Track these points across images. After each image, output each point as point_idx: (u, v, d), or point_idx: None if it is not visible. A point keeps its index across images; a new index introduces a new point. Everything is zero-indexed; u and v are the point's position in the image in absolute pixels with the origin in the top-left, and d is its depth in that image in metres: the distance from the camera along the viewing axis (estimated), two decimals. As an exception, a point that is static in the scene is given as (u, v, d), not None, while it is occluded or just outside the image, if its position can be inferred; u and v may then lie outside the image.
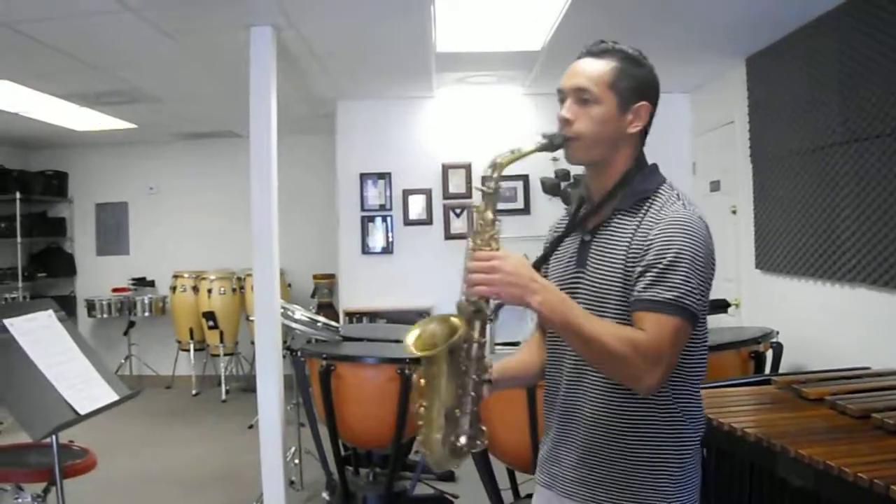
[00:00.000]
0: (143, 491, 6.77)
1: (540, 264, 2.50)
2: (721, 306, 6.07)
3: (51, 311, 4.00)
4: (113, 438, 7.16)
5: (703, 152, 8.28)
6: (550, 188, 8.27)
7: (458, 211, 8.75)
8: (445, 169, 8.73)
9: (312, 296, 10.58)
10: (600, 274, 2.31)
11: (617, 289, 2.26)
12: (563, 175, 8.26)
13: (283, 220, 5.81)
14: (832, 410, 3.50)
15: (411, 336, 2.30)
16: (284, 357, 5.87)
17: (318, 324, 5.84)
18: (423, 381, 2.30)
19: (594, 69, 2.37)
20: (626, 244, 2.27)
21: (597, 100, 2.33)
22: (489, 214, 2.27)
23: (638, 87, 2.37)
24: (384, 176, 8.82)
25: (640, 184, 2.38)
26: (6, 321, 3.71)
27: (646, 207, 2.32)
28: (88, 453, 4.38)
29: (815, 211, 5.68)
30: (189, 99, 8.46)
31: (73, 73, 6.68)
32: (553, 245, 2.53)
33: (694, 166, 8.47)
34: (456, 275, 2.39)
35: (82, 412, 3.66)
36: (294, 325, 5.72)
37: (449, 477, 6.35)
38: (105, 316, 10.93)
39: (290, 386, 6.03)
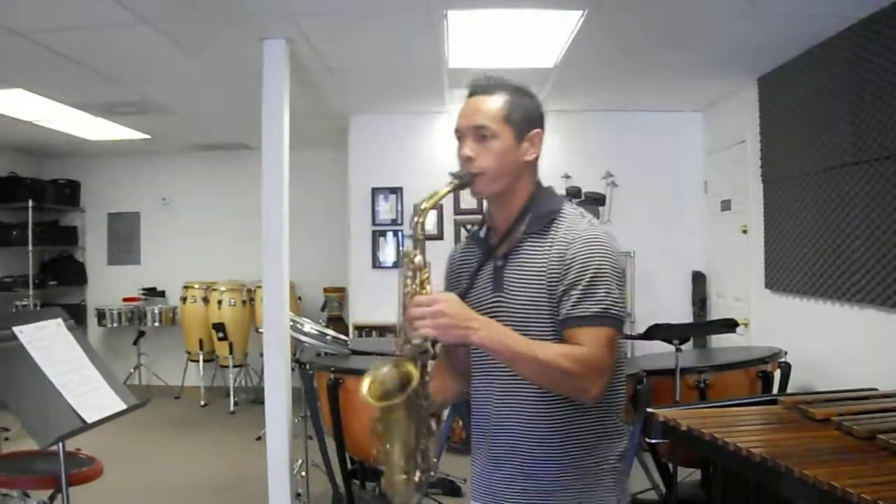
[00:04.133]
0: (148, 501, 6.77)
1: (463, 297, 2.54)
2: (730, 325, 6.07)
3: (60, 320, 4.02)
4: (120, 447, 7.16)
5: (715, 171, 8.28)
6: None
7: (469, 227, 8.76)
8: (457, 184, 8.72)
9: (322, 309, 10.59)
10: (523, 297, 2.44)
11: (543, 309, 2.41)
12: (574, 192, 8.27)
13: (294, 233, 5.83)
14: (838, 431, 3.50)
15: (365, 386, 2.37)
16: (293, 370, 5.88)
17: (328, 337, 5.85)
18: (381, 426, 2.37)
19: (489, 106, 2.49)
20: (545, 265, 2.41)
21: (495, 134, 2.45)
22: (420, 258, 2.41)
23: (529, 116, 2.51)
24: (396, 191, 8.85)
25: (544, 206, 2.51)
26: (16, 329, 3.73)
27: (554, 228, 2.46)
28: (95, 462, 4.38)
29: (825, 231, 5.68)
30: (202, 111, 8.51)
31: (88, 83, 6.72)
32: (473, 276, 2.62)
33: (705, 185, 8.47)
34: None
35: (89, 420, 3.67)
36: (303, 337, 5.74)
37: (455, 492, 6.35)
38: (115, 325, 10.95)
39: (299, 399, 6.03)
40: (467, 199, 8.72)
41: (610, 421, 2.51)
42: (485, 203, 2.67)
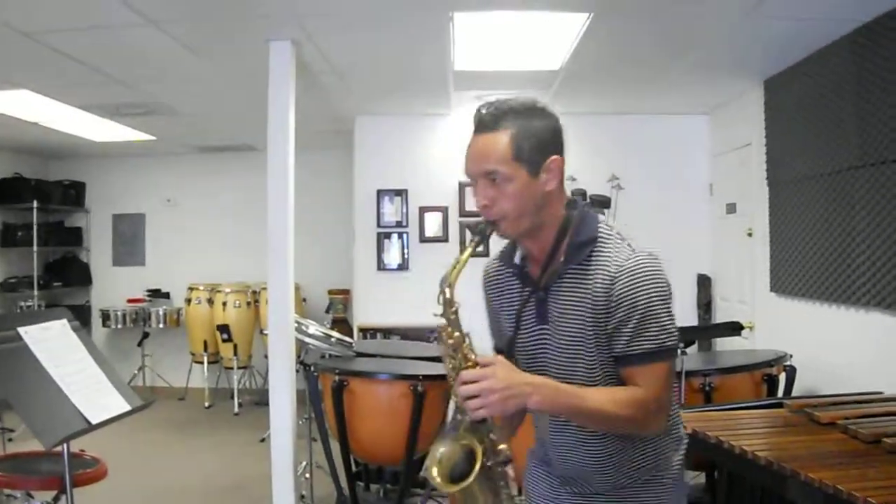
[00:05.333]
0: (152, 502, 6.78)
1: (512, 346, 2.50)
2: (735, 329, 6.06)
3: (65, 321, 4.02)
4: (124, 449, 7.17)
5: (721, 174, 8.27)
6: (566, 207, 8.27)
7: (476, 228, 8.74)
8: (462, 187, 8.71)
9: (327, 311, 10.60)
10: (568, 330, 2.34)
11: (588, 343, 2.31)
12: (580, 194, 8.27)
13: (299, 234, 5.82)
14: (844, 435, 3.50)
15: (435, 471, 2.29)
16: (297, 371, 5.87)
17: (332, 339, 5.86)
18: (462, 499, 2.33)
19: (495, 147, 2.30)
20: (589, 299, 2.29)
21: (508, 177, 2.29)
22: (457, 333, 2.33)
23: (541, 144, 2.31)
24: (401, 193, 8.83)
25: (579, 233, 2.37)
26: (21, 329, 3.73)
27: (595, 257, 2.32)
28: (99, 463, 4.39)
29: (831, 234, 5.67)
30: (208, 112, 8.50)
31: (94, 84, 6.72)
32: (518, 321, 2.49)
33: (711, 188, 8.46)
34: (470, 292, 2.49)
35: (94, 421, 3.67)
36: (308, 339, 5.74)
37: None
38: (119, 326, 10.96)
39: (303, 400, 6.03)
40: (472, 201, 8.70)
41: (671, 431, 2.45)
42: None
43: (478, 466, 2.24)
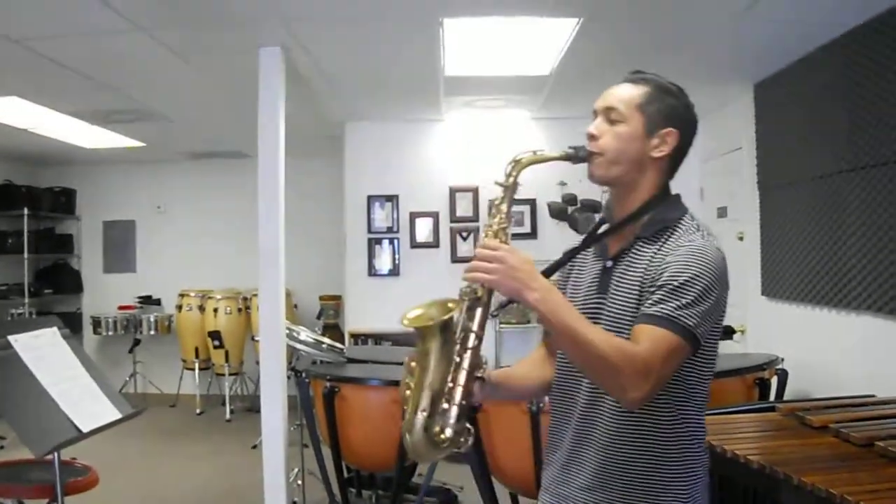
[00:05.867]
0: (145, 510, 6.77)
1: (548, 274, 2.46)
2: (726, 332, 6.06)
3: (55, 329, 4.01)
4: (116, 456, 7.15)
5: (711, 178, 8.27)
6: (557, 213, 8.27)
7: (464, 234, 8.75)
8: (453, 192, 8.74)
9: (318, 317, 10.58)
10: (620, 300, 2.32)
11: (633, 314, 2.25)
12: (569, 200, 8.26)
13: (289, 240, 5.82)
14: (836, 438, 3.49)
15: (411, 313, 2.29)
16: (289, 378, 5.86)
17: (323, 345, 5.84)
18: (413, 362, 2.28)
19: (626, 91, 2.42)
20: (643, 270, 2.29)
21: (623, 118, 2.38)
22: (504, 207, 2.33)
23: (667, 112, 2.44)
24: (392, 198, 8.83)
25: (662, 213, 2.41)
26: (11, 337, 3.72)
27: (666, 237, 2.34)
28: (90, 471, 4.38)
29: (822, 238, 5.67)
30: (198, 118, 8.49)
31: (83, 90, 6.71)
32: (568, 256, 2.54)
33: (702, 192, 8.45)
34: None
35: (85, 429, 3.66)
36: (299, 346, 5.72)
37: (451, 500, 6.33)
38: (111, 333, 10.93)
39: (294, 407, 6.02)
40: (463, 206, 8.73)
41: (690, 454, 2.33)
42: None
43: (443, 317, 2.23)
